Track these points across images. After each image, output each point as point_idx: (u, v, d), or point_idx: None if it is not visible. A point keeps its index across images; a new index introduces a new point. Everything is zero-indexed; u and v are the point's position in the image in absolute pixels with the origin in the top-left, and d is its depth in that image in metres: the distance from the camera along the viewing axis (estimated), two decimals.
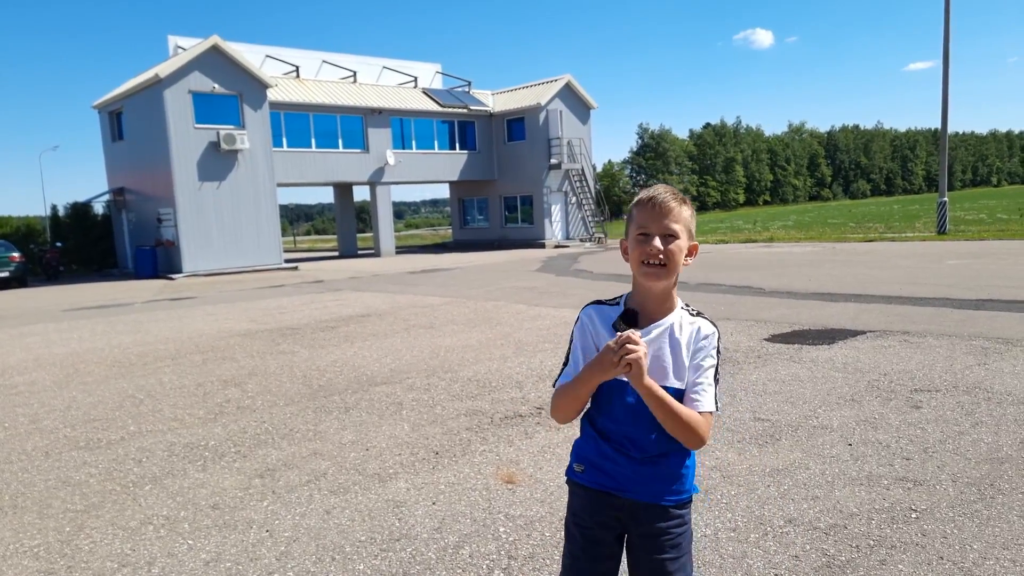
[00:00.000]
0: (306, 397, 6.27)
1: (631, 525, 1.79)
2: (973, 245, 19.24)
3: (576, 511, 1.85)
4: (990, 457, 4.04)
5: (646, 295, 1.75)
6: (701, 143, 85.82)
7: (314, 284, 18.12)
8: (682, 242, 1.70)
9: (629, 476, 1.76)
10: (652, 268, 1.69)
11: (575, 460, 1.86)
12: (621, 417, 1.76)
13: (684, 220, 1.71)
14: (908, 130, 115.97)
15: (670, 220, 1.69)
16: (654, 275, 1.70)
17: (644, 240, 1.70)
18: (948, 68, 23.38)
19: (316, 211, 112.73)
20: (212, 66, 23.42)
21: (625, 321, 1.72)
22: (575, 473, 1.85)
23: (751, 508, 3.54)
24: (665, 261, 1.68)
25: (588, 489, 1.81)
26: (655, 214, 1.69)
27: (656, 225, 1.69)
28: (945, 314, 8.70)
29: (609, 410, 1.78)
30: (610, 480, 1.78)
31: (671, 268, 1.69)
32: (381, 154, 29.48)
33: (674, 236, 1.69)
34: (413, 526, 3.55)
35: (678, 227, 1.69)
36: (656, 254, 1.67)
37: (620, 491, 1.77)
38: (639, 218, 1.72)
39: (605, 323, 1.76)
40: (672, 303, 1.77)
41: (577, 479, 1.85)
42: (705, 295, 11.79)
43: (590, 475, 1.81)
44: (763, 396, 5.54)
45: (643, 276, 1.72)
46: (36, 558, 3.41)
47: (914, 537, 3.15)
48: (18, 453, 5.08)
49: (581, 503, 1.84)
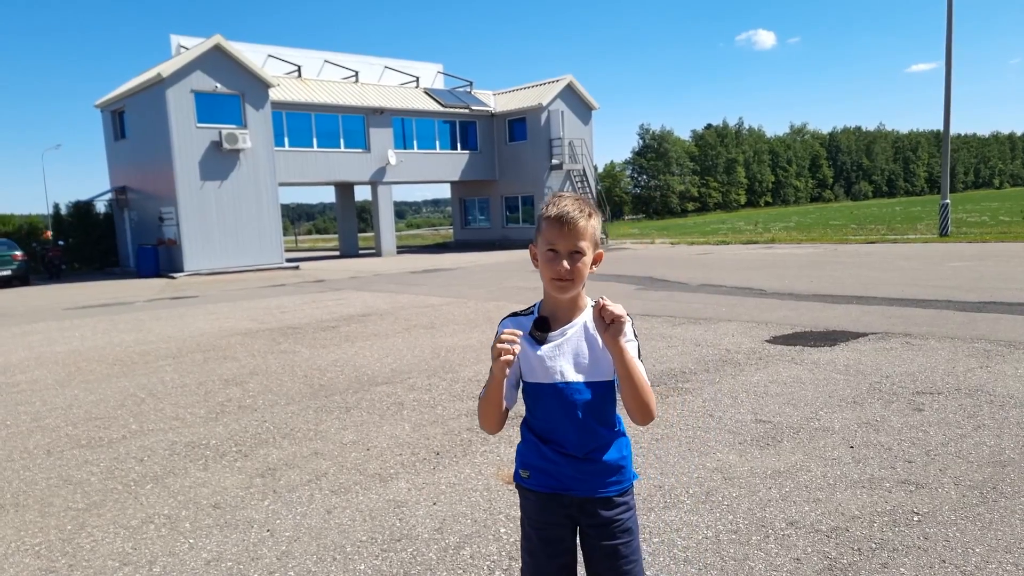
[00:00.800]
0: (307, 397, 6.27)
1: (581, 518, 1.89)
2: (975, 247, 19.22)
3: (529, 514, 1.93)
4: (992, 460, 4.03)
5: (556, 303, 1.87)
6: (703, 144, 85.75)
7: (315, 283, 18.13)
8: (588, 257, 1.82)
9: (572, 475, 1.84)
10: (561, 283, 1.81)
11: (520, 466, 1.94)
12: (551, 418, 1.85)
13: (589, 235, 1.81)
14: (910, 132, 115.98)
15: (577, 239, 1.79)
16: (563, 288, 1.82)
17: (553, 258, 1.80)
18: (951, 70, 23.38)
19: (317, 210, 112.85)
20: (214, 66, 23.44)
21: (538, 328, 1.85)
22: (522, 479, 1.93)
23: (752, 510, 3.53)
24: (572, 276, 1.80)
25: (537, 493, 1.90)
26: (564, 234, 1.79)
27: (564, 243, 1.79)
28: (947, 316, 8.69)
29: (539, 413, 1.88)
30: (555, 481, 1.86)
31: (577, 281, 1.82)
32: (383, 154, 29.49)
33: (581, 253, 1.80)
34: (414, 526, 3.55)
35: (584, 244, 1.80)
36: (564, 273, 1.79)
37: (567, 490, 1.86)
38: (548, 235, 1.81)
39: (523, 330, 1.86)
40: (582, 303, 1.89)
41: (525, 484, 1.93)
42: (706, 296, 11.78)
43: (536, 479, 1.89)
44: (764, 398, 5.53)
45: (553, 289, 1.83)
46: (37, 556, 3.41)
47: (916, 540, 3.15)
48: (20, 451, 5.08)
49: (533, 506, 1.92)
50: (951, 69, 23.36)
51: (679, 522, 3.44)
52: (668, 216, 76.26)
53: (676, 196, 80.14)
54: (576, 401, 1.82)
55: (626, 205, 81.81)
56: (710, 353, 7.25)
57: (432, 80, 33.86)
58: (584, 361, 1.83)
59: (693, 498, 3.71)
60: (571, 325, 1.86)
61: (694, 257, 21.12)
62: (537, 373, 1.85)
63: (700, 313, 9.94)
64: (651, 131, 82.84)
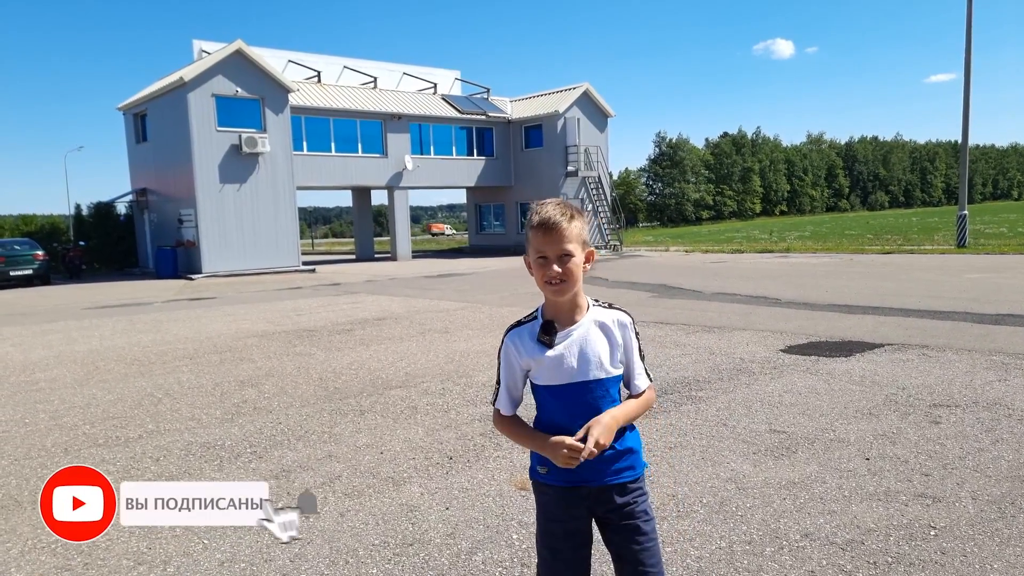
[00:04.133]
0: (322, 399, 6.31)
1: (598, 507, 1.97)
2: (993, 259, 18.99)
3: (548, 509, 1.99)
4: (1011, 475, 3.98)
5: (557, 305, 1.94)
6: (718, 152, 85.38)
7: (331, 287, 18.23)
8: (578, 257, 1.88)
9: (587, 465, 1.89)
10: (555, 286, 1.88)
11: (537, 463, 2.00)
12: (563, 416, 1.93)
13: (575, 236, 1.88)
14: (928, 142, 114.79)
15: (563, 242, 1.86)
16: (558, 291, 1.89)
17: (544, 263, 1.88)
18: (970, 81, 23.19)
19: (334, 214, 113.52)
20: (236, 70, 23.70)
21: (545, 332, 1.93)
22: (540, 475, 2.00)
23: (767, 521, 3.51)
24: (565, 278, 1.87)
25: (556, 487, 1.97)
26: (550, 239, 1.86)
27: (551, 248, 1.86)
28: (964, 328, 8.59)
29: (552, 412, 1.96)
30: (572, 474, 1.92)
31: (571, 282, 1.88)
32: (400, 159, 29.64)
33: (569, 255, 1.87)
34: (426, 531, 3.56)
35: (571, 246, 1.87)
36: (556, 276, 1.87)
37: (584, 482, 1.94)
38: (535, 242, 1.89)
39: (530, 339, 1.95)
40: (583, 303, 1.97)
41: (543, 480, 1.99)
42: (721, 304, 11.72)
43: (555, 473, 1.95)
44: (779, 408, 5.50)
45: (549, 293, 1.91)
46: (54, 554, 3.45)
47: (933, 555, 3.11)
48: (38, 449, 5.14)
49: (552, 501, 1.99)
50: (970, 80, 23.18)
51: (692, 532, 3.43)
52: (683, 224, 75.99)
53: (691, 204, 79.86)
54: (586, 397, 1.91)
55: (641, 212, 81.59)
56: (724, 362, 7.22)
57: (450, 87, 34.02)
58: (591, 359, 1.91)
59: (707, 508, 3.70)
60: (576, 326, 1.93)
61: (708, 265, 21.02)
62: (548, 375, 1.93)
63: (714, 321, 9.89)
64: (667, 139, 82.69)
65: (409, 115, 29.79)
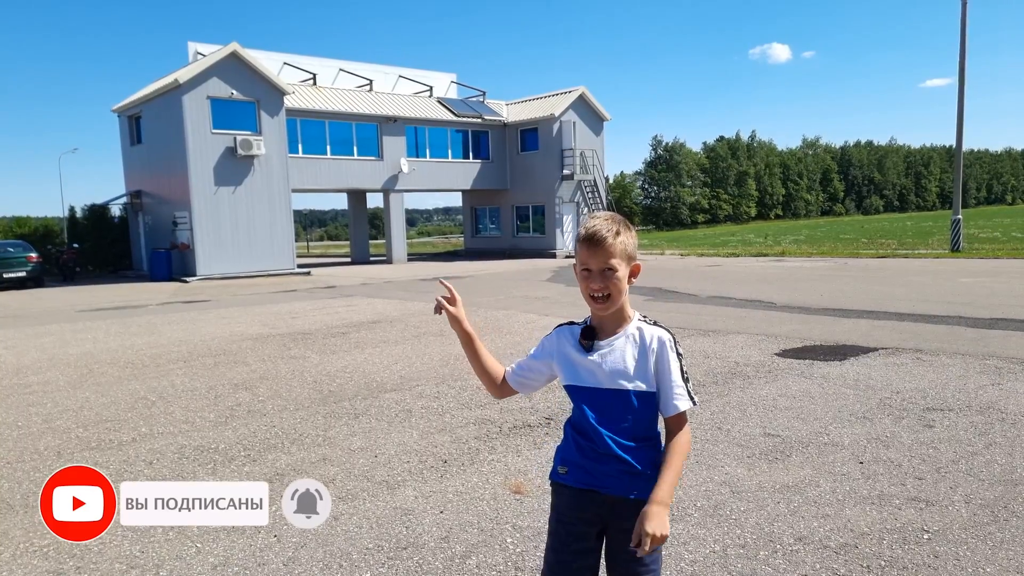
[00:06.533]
0: (316, 402, 6.29)
1: (611, 520, 1.96)
2: (987, 263, 19.08)
3: (561, 510, 2.01)
4: (1004, 479, 4.00)
5: (601, 316, 1.99)
6: (714, 156, 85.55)
7: (326, 290, 18.20)
8: (621, 272, 1.92)
9: (606, 472, 1.93)
10: (598, 300, 1.93)
11: (558, 463, 2.04)
12: (592, 420, 1.95)
13: (620, 251, 1.91)
14: (922, 146, 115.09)
15: (607, 257, 1.90)
16: (601, 306, 1.94)
17: (588, 276, 1.93)
18: (964, 86, 23.28)
19: (329, 217, 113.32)
20: (231, 73, 23.67)
21: (584, 336, 1.99)
22: (559, 475, 2.02)
23: (760, 524, 3.52)
24: (608, 293, 1.92)
25: (573, 488, 1.99)
26: (594, 253, 1.90)
27: (595, 262, 1.91)
28: (958, 332, 8.62)
29: (582, 414, 1.98)
30: (591, 478, 1.95)
31: (615, 297, 1.93)
32: (395, 162, 29.62)
33: (613, 270, 1.90)
34: (420, 535, 3.55)
35: (616, 260, 1.90)
36: (599, 290, 1.91)
37: (602, 488, 1.94)
38: (581, 255, 1.94)
39: (573, 338, 2.02)
40: (628, 315, 2.00)
41: (561, 480, 2.01)
42: (716, 308, 11.74)
43: (574, 475, 1.98)
44: (773, 411, 5.51)
45: (592, 306, 1.97)
46: (45, 558, 3.43)
47: (926, 559, 3.12)
48: (31, 452, 5.12)
49: (566, 502, 2.00)
50: (964, 84, 23.28)
51: (686, 535, 3.43)
52: (678, 227, 76.07)
53: (686, 208, 79.95)
54: (616, 406, 1.94)
55: (636, 216, 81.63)
56: (719, 366, 7.23)
57: (446, 90, 34.02)
58: (627, 371, 1.94)
59: (701, 511, 3.70)
60: (617, 336, 1.97)
61: (704, 269, 21.06)
62: (582, 377, 1.98)
63: (709, 325, 9.91)
64: (663, 142, 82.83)
65: (405, 118, 29.78)
